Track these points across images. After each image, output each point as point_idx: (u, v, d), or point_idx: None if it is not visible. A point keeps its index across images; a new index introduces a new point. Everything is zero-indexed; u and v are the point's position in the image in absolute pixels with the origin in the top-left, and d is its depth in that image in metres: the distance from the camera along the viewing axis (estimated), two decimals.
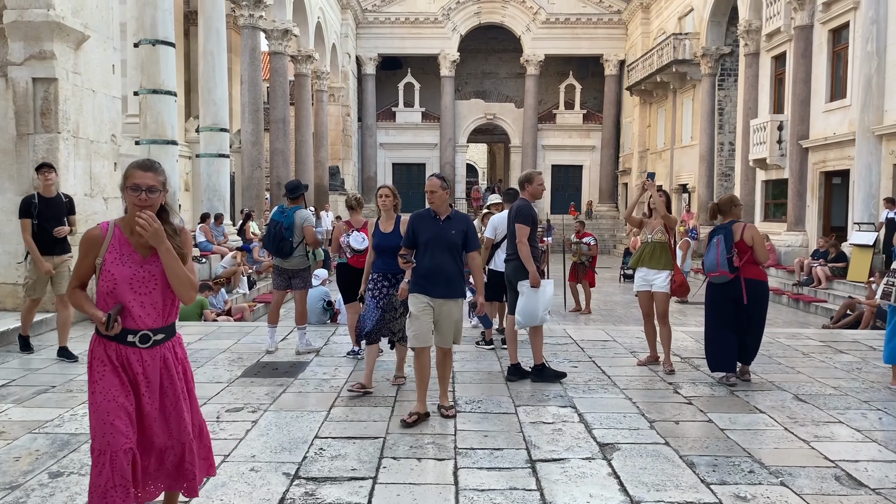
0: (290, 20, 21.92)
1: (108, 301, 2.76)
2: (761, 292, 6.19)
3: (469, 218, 5.12)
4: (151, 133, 12.51)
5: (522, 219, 6.05)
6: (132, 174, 2.77)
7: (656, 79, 28.00)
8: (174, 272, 2.75)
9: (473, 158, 52.73)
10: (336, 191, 29.47)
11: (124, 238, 2.81)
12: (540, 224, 13.73)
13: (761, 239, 6.26)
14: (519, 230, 6.05)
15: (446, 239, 4.93)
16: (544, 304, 6.06)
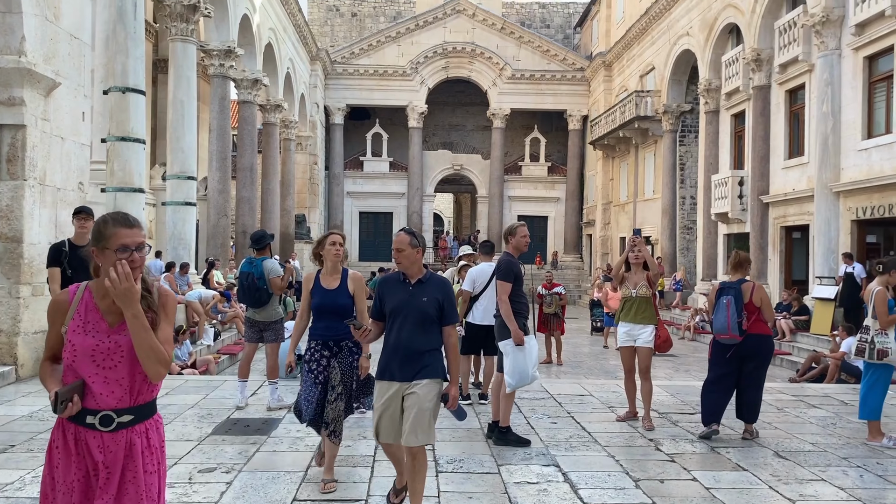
0: (260, 70, 22.03)
1: (70, 376, 2.41)
2: (766, 347, 6.34)
3: (448, 283, 4.17)
4: (118, 181, 12.29)
5: (503, 275, 5.93)
6: (116, 233, 2.41)
7: (619, 134, 28.70)
8: (141, 342, 2.35)
9: (440, 208, 53.05)
10: (302, 239, 29.25)
11: (93, 303, 2.46)
12: None
13: (769, 300, 6.39)
14: (499, 287, 5.92)
15: (416, 308, 3.99)
16: (532, 361, 5.89)
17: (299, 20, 27.38)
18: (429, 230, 36.32)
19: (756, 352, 6.20)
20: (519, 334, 5.84)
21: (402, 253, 4.02)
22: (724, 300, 6.17)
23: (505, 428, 5.96)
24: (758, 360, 6.25)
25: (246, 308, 7.48)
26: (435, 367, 4.01)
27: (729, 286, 6.28)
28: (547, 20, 41.27)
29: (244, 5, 19.80)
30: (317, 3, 40.78)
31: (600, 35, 34.25)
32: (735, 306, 6.09)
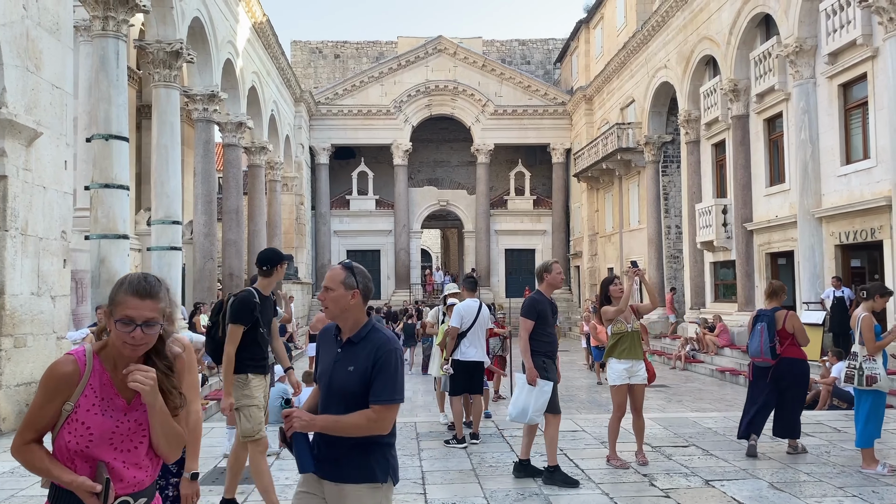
0: (245, 113, 22.15)
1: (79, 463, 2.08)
2: (798, 370, 6.76)
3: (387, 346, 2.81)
4: (102, 228, 12.23)
5: (525, 312, 6.00)
6: (124, 302, 2.10)
7: (602, 166, 28.98)
8: (162, 430, 2.13)
9: (428, 244, 53.10)
10: (290, 279, 29.11)
11: (106, 376, 2.14)
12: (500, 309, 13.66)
13: (801, 326, 6.80)
14: (521, 324, 5.99)
15: (337, 381, 2.81)
16: (537, 405, 5.79)
17: (282, 63, 27.64)
18: (416, 266, 36.31)
19: (788, 374, 6.68)
20: (532, 372, 5.81)
21: (330, 294, 2.83)
22: (758, 326, 6.72)
23: (553, 467, 5.88)
24: (789, 381, 6.70)
25: None
26: (365, 469, 2.76)
27: (764, 314, 6.82)
28: (527, 57, 41.92)
29: (227, 50, 19.98)
30: (300, 46, 41.26)
31: (580, 70, 34.81)
32: (768, 332, 6.62)
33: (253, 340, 4.92)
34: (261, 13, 23.11)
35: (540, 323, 5.96)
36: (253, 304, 4.86)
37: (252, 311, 4.84)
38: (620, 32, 28.64)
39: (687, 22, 21.75)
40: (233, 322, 4.83)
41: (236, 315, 4.82)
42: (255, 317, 4.86)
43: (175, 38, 15.26)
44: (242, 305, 4.84)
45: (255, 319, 4.88)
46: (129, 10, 12.52)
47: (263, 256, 5.08)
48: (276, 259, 5.05)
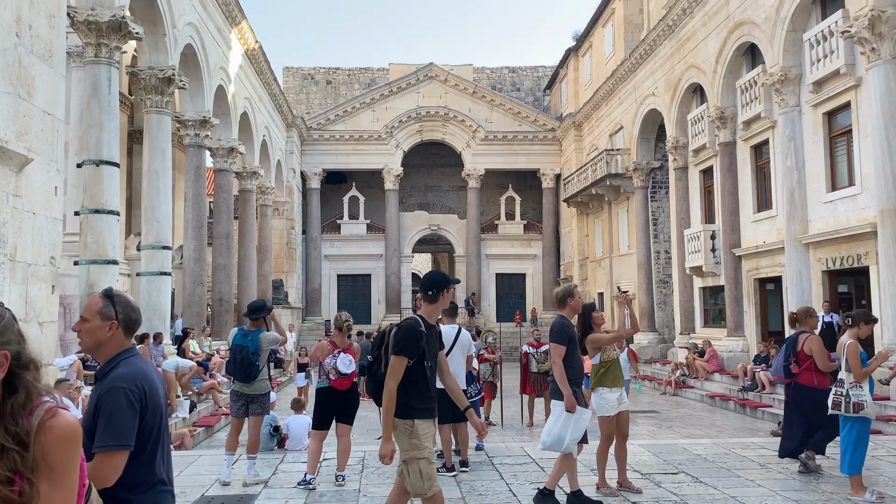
0: (236, 139, 22.24)
1: None
2: (807, 397, 7.00)
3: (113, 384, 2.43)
4: (92, 253, 12.20)
5: (557, 337, 5.84)
6: None
7: (592, 191, 29.19)
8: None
9: (418, 268, 53.07)
10: (280, 304, 29.02)
11: None
12: (492, 334, 13.64)
13: (820, 349, 6.95)
14: (553, 350, 5.87)
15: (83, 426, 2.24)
16: (574, 432, 5.74)
17: (274, 89, 27.83)
18: (407, 290, 36.29)
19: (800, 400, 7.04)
20: (571, 400, 5.70)
21: (85, 325, 2.54)
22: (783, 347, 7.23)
23: (576, 491, 5.84)
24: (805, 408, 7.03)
25: (233, 381, 7.35)
26: None
27: (790, 336, 7.23)
28: (517, 84, 42.37)
29: (219, 76, 20.11)
30: (292, 72, 41.57)
31: (569, 97, 35.20)
32: (784, 352, 7.07)
33: (419, 376, 4.30)
34: (253, 40, 23.31)
35: (570, 348, 5.86)
36: (419, 334, 4.28)
37: (418, 342, 4.27)
38: (609, 60, 29.03)
39: (674, 50, 22.09)
40: (396, 353, 4.26)
41: (400, 346, 4.25)
42: (420, 348, 4.28)
43: (167, 65, 15.37)
44: (407, 335, 4.28)
45: (422, 351, 4.30)
46: (122, 38, 12.62)
47: (429, 279, 4.47)
48: (442, 282, 4.45)
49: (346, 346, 6.79)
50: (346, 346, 6.78)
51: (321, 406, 6.81)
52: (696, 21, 20.43)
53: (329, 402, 6.74)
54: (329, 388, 6.72)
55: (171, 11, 15.56)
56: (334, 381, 6.66)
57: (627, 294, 6.97)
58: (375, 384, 4.52)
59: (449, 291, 4.48)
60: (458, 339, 7.65)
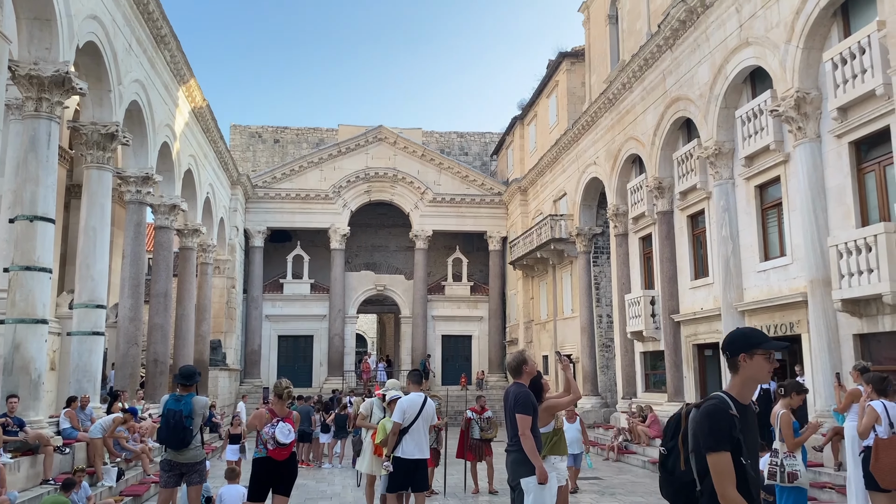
0: (179, 196, 21.91)
1: None
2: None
3: None
4: (20, 312, 11.67)
5: (522, 408, 5.66)
6: None
7: (537, 255, 29.65)
8: None
9: (363, 328, 52.56)
10: (217, 366, 28.16)
11: None
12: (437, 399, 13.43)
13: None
14: (520, 421, 5.63)
15: None
16: (552, 499, 5.66)
17: (221, 147, 27.68)
18: (351, 352, 35.76)
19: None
20: (544, 471, 5.57)
21: None
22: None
23: None
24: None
25: (165, 449, 7.03)
26: None
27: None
28: (465, 148, 43.23)
29: (164, 133, 19.93)
30: (239, 130, 41.51)
31: (515, 163, 36.06)
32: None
33: (739, 477, 3.19)
34: (200, 98, 23.27)
35: (534, 416, 5.76)
36: (730, 420, 3.22)
37: (730, 430, 3.20)
38: (553, 130, 29.97)
39: (615, 122, 22.96)
40: (711, 449, 3.17)
41: (712, 438, 3.19)
42: (735, 438, 3.19)
43: (111, 121, 15.16)
44: (715, 421, 3.22)
45: (737, 442, 3.20)
46: (65, 93, 12.43)
47: (733, 337, 3.43)
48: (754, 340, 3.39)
49: (285, 414, 6.61)
50: (285, 415, 6.59)
51: (258, 476, 6.56)
52: (635, 95, 21.35)
53: (266, 473, 6.50)
54: (267, 459, 6.50)
55: (117, 68, 15.45)
56: (272, 450, 6.45)
57: (566, 360, 7.01)
58: (673, 487, 3.41)
59: (763, 355, 3.34)
60: (424, 409, 7.47)
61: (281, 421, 6.48)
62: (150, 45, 18.13)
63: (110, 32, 15.01)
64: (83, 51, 13.94)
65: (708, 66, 17.27)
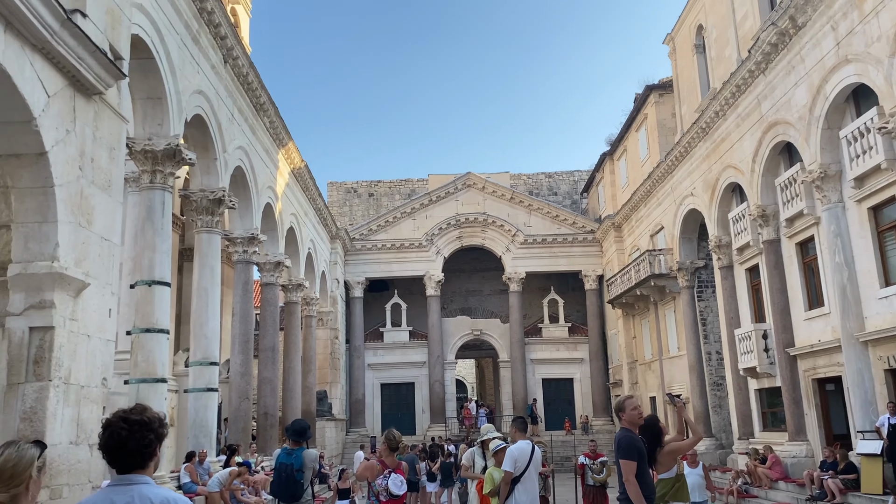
0: (283, 253, 22.85)
1: None
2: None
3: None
4: (142, 372, 12.39)
5: (625, 453, 5.51)
6: None
7: (636, 292, 28.88)
8: None
9: (462, 374, 52.46)
10: (324, 416, 28.77)
11: None
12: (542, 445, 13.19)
13: None
14: (623, 467, 5.48)
15: None
16: None
17: (319, 203, 28.78)
18: (452, 398, 35.71)
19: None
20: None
21: None
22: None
23: None
24: None
25: (277, 502, 7.22)
26: None
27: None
28: (554, 188, 43.09)
29: (267, 195, 20.93)
30: (335, 187, 43.10)
31: (606, 199, 35.57)
32: None
33: None
34: (299, 159, 24.36)
35: (641, 462, 5.52)
36: None
37: None
38: (644, 163, 29.45)
39: (710, 152, 22.33)
40: None
41: None
42: None
43: (218, 187, 16.08)
44: None
45: None
46: (176, 164, 13.32)
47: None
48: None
49: (395, 465, 6.65)
50: (395, 466, 6.64)
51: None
52: (729, 123, 20.74)
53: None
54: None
55: (222, 137, 16.44)
56: (385, 502, 6.49)
57: (680, 399, 6.73)
58: None
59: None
60: (533, 457, 7.33)
61: (393, 472, 6.53)
62: (251, 113, 19.22)
63: (214, 105, 16.04)
64: (191, 123, 14.94)
65: (805, 87, 16.60)
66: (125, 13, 10.32)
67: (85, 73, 8.76)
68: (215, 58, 16.00)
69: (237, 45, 16.69)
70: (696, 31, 24.02)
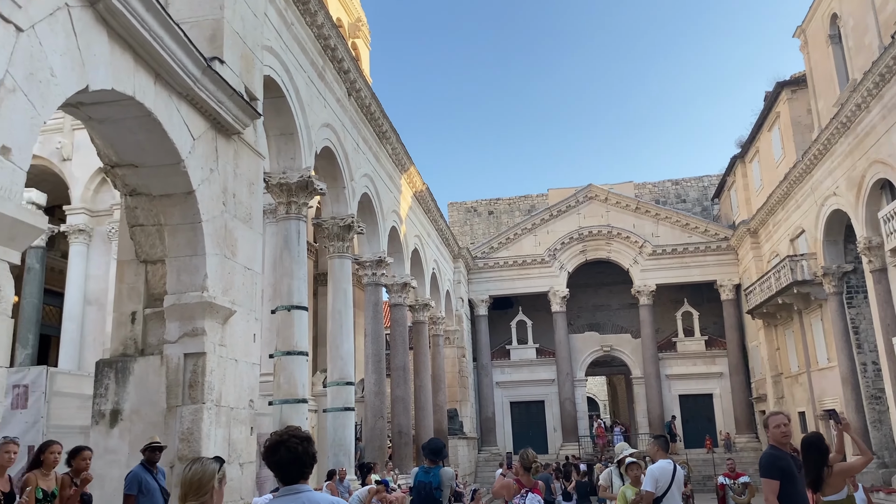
0: (409, 274, 23.41)
1: None
2: None
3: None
4: (284, 393, 13.04)
5: (766, 471, 5.23)
6: None
7: (778, 301, 27.18)
8: None
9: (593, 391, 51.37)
10: (455, 435, 29.00)
11: None
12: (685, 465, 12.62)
13: None
14: (765, 486, 5.21)
15: None
16: None
17: (441, 224, 29.29)
18: (584, 417, 34.99)
19: None
20: None
21: None
22: None
23: None
24: None
25: None
26: None
27: None
28: (682, 195, 41.54)
29: (392, 219, 21.56)
30: (456, 207, 43.73)
31: (740, 204, 33.82)
32: None
33: None
34: (420, 182, 24.95)
35: (786, 483, 5.18)
36: None
37: None
38: (779, 164, 27.81)
39: (853, 147, 20.75)
40: None
41: None
42: None
43: (347, 214, 16.76)
44: None
45: None
46: (308, 194, 14.02)
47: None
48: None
49: (532, 484, 6.60)
50: (532, 485, 6.58)
51: None
52: (873, 115, 19.21)
53: None
54: None
55: (349, 166, 17.14)
56: None
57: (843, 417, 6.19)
58: None
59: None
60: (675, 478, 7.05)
61: (530, 492, 6.47)
62: (374, 141, 19.92)
63: (341, 136, 16.77)
64: (320, 155, 15.69)
65: None
66: (257, 56, 11.05)
67: (225, 116, 9.44)
68: (340, 91, 16.75)
69: (359, 77, 17.38)
70: (830, 20, 22.51)
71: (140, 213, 9.14)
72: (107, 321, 16.56)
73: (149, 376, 8.85)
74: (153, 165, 8.68)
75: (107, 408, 8.88)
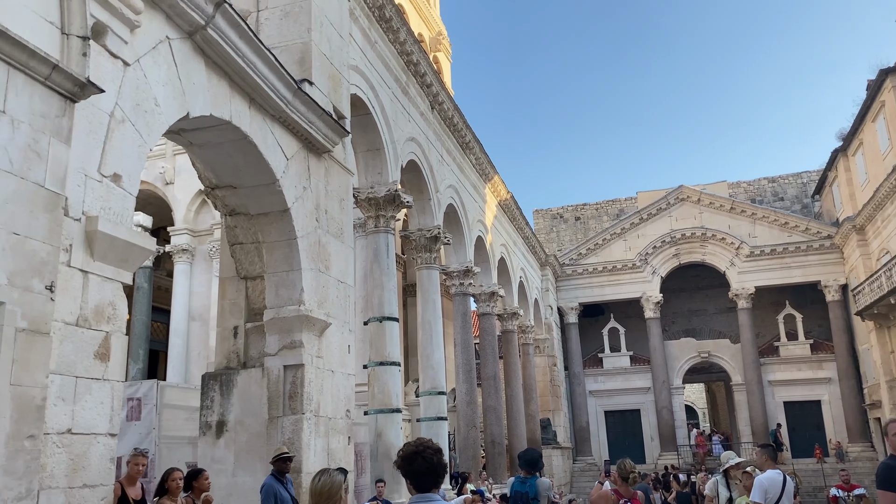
0: (496, 283, 23.40)
1: None
2: None
3: None
4: (379, 403, 13.27)
5: (881, 483, 4.97)
6: None
7: (890, 301, 25.49)
8: None
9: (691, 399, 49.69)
10: (549, 444, 28.67)
11: None
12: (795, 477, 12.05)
13: None
14: (880, 498, 4.99)
15: None
16: None
17: (527, 233, 29.14)
18: (682, 425, 33.87)
19: None
20: None
21: None
22: None
23: None
24: None
25: None
26: None
27: None
28: (779, 193, 39.74)
29: (477, 229, 21.64)
30: (541, 214, 43.40)
31: (843, 199, 32.03)
32: None
33: None
34: (504, 191, 24.93)
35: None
36: None
37: None
38: (886, 155, 26.19)
39: None
40: None
41: None
42: None
43: (434, 225, 16.94)
44: None
45: None
46: (396, 208, 14.28)
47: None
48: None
49: (630, 495, 6.47)
50: (631, 496, 6.45)
51: None
52: None
53: None
54: None
55: (434, 179, 17.34)
56: None
57: None
58: None
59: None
60: (785, 490, 6.74)
61: (629, 502, 6.35)
62: (458, 152, 20.08)
63: (425, 149, 17.00)
64: (406, 169, 15.95)
65: None
66: (344, 76, 11.37)
67: (315, 135, 9.76)
68: (423, 105, 16.99)
69: (442, 90, 17.59)
70: None
71: (239, 231, 9.55)
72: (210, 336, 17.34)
73: (251, 388, 9.21)
74: (250, 186, 9.07)
75: (213, 419, 9.28)
